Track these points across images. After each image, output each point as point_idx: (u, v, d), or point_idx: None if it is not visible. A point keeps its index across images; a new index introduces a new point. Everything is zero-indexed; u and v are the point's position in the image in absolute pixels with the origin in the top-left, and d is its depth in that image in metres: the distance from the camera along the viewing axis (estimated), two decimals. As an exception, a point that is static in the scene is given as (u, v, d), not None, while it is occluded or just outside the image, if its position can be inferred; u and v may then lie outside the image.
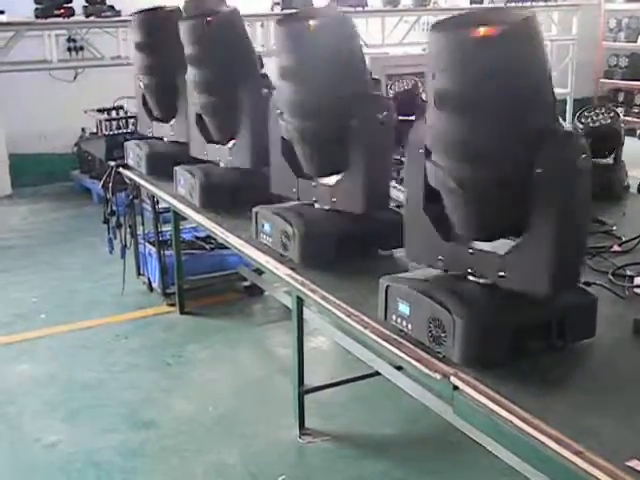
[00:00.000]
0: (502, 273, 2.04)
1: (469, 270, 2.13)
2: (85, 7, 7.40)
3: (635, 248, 2.85)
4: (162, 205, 4.66)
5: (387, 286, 2.23)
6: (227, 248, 3.80)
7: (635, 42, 10.54)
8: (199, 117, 3.79)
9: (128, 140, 4.73)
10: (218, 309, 4.90)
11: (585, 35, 10.13)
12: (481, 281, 2.12)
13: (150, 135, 4.51)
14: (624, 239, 2.92)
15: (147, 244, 5.08)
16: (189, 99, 3.80)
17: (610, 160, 3.50)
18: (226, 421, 3.65)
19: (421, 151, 2.12)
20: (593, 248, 2.82)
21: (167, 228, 4.85)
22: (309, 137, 2.83)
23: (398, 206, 3.18)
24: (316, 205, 2.98)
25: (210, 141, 3.81)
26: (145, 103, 4.45)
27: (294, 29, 2.68)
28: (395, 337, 2.22)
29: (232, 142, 3.66)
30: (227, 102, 3.52)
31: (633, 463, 1.60)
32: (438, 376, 2.03)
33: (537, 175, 1.91)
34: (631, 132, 9.71)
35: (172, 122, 4.28)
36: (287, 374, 3.77)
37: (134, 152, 4.48)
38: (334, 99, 2.70)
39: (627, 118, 10.13)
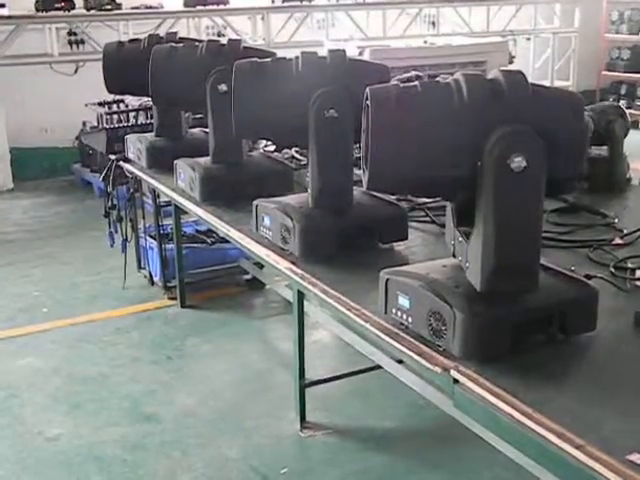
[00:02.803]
0: (467, 264, 2.06)
1: (459, 259, 2.14)
2: (86, 0, 7.40)
3: (637, 241, 2.84)
4: (163, 199, 4.66)
5: (387, 279, 2.22)
6: (228, 242, 3.79)
7: (637, 34, 10.51)
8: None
9: (129, 133, 4.73)
10: (219, 302, 4.90)
11: (587, 27, 10.11)
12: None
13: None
14: (626, 232, 2.91)
15: (148, 238, 5.08)
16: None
17: (605, 152, 3.48)
18: (227, 415, 3.65)
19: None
20: (595, 241, 2.82)
21: (168, 222, 4.85)
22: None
23: (399, 199, 3.18)
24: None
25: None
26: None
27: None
28: (395, 330, 2.21)
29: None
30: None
31: (634, 457, 1.60)
32: (438, 369, 2.02)
33: (478, 168, 1.92)
34: (633, 124, 9.71)
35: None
36: (288, 367, 3.78)
37: (135, 145, 4.48)
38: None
39: (629, 111, 10.10)
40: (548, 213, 3.01)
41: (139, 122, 5.31)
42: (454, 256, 2.17)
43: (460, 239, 2.10)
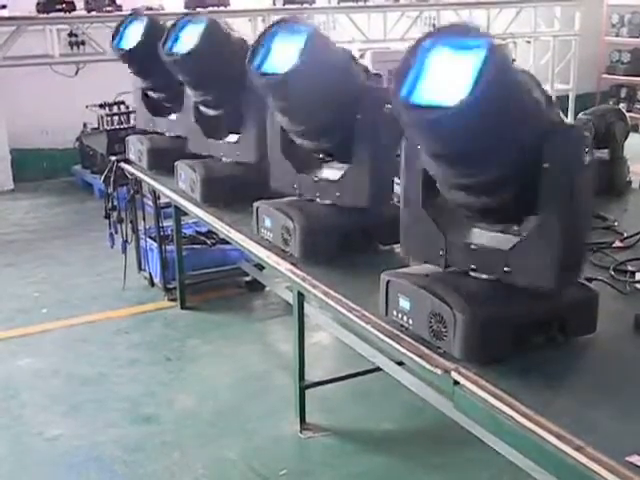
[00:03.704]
0: (507, 268, 2.04)
1: (472, 266, 2.13)
2: (86, 2, 7.40)
3: (637, 244, 2.85)
4: (163, 200, 4.67)
5: (388, 281, 2.23)
6: (228, 243, 3.80)
7: (638, 37, 10.52)
8: (198, 111, 3.78)
9: (129, 135, 4.73)
10: (219, 304, 4.90)
11: (587, 30, 10.11)
12: (483, 276, 2.12)
13: (150, 130, 4.50)
14: (626, 235, 2.92)
15: (148, 239, 5.09)
16: (189, 93, 3.77)
17: (606, 155, 3.49)
18: (227, 416, 3.65)
19: (418, 147, 2.10)
20: (595, 244, 2.82)
21: (168, 223, 4.85)
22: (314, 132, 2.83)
23: (399, 200, 3.18)
24: (317, 200, 2.97)
25: (210, 136, 3.79)
26: (145, 97, 4.45)
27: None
28: (396, 332, 2.22)
29: (236, 136, 3.65)
30: (229, 96, 3.51)
31: (633, 458, 1.60)
32: (439, 371, 2.03)
33: (544, 170, 1.92)
34: (633, 128, 9.72)
35: (174, 117, 4.27)
36: (288, 369, 3.78)
37: (135, 147, 4.48)
38: (339, 94, 2.70)
39: (629, 114, 10.11)
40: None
41: (137, 124, 5.31)
42: (447, 266, 2.17)
43: (475, 246, 2.10)
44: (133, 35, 4.25)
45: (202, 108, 3.75)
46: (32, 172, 7.96)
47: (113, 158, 4.81)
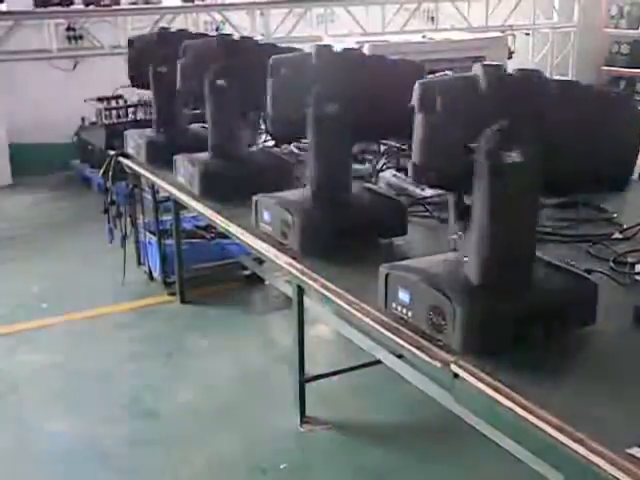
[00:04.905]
0: (465, 258, 2.09)
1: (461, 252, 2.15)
2: (84, -5, 7.40)
3: (636, 235, 2.84)
4: (162, 194, 4.66)
5: (387, 274, 2.22)
6: (227, 237, 3.79)
7: (637, 29, 10.49)
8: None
9: (128, 129, 4.72)
10: (219, 298, 4.90)
11: (586, 22, 10.09)
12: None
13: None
14: (625, 226, 2.91)
15: (147, 233, 5.08)
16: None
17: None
18: (227, 410, 3.66)
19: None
20: (594, 235, 2.82)
21: (167, 217, 4.84)
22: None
23: (399, 194, 3.18)
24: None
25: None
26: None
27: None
28: (395, 325, 2.22)
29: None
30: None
31: (634, 450, 1.60)
32: (438, 364, 2.02)
33: (475, 163, 1.95)
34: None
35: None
36: (288, 363, 3.78)
37: (134, 141, 4.47)
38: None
39: (629, 106, 10.07)
40: (547, 208, 3.01)
41: (138, 118, 5.31)
42: (455, 250, 2.17)
43: (460, 233, 2.10)
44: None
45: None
46: (31, 167, 7.93)
47: (112, 152, 4.80)
